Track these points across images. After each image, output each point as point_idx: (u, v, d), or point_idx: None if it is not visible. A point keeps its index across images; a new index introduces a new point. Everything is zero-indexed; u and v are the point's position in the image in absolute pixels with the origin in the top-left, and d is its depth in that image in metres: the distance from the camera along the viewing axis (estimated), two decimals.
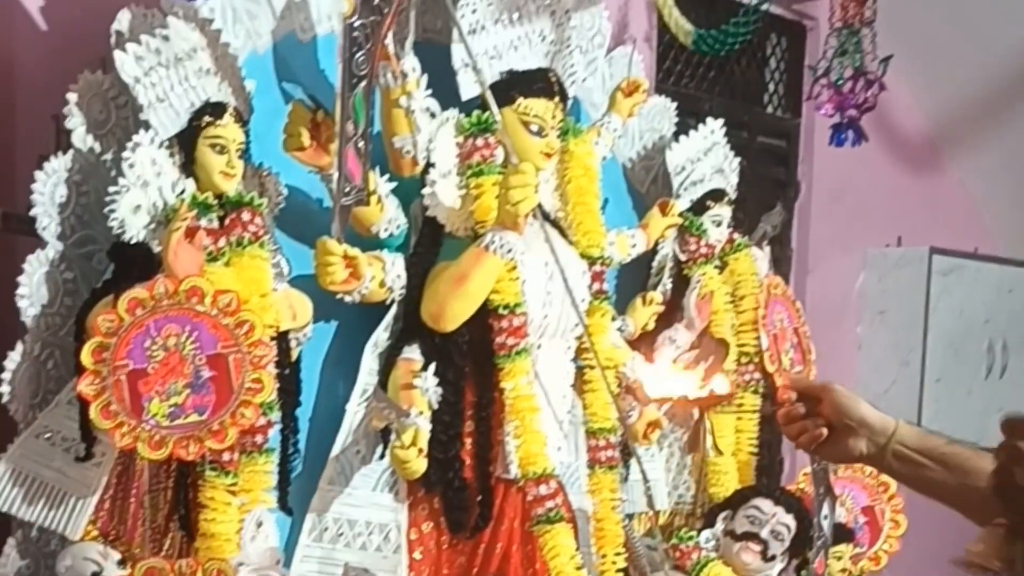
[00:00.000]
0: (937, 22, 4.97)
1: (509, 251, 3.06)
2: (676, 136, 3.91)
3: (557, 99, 3.23)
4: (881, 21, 4.05)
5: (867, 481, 4.33)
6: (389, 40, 2.73)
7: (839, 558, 4.03)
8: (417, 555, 3.16)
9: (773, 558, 3.78)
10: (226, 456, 2.74)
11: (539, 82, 3.22)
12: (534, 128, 3.19)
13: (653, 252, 3.86)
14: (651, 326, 3.81)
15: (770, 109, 5.08)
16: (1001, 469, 1.64)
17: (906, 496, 4.21)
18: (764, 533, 3.76)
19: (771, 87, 5.09)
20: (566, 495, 3.29)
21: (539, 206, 3.20)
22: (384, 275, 3.04)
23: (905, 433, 2.00)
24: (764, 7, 3.94)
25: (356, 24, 2.52)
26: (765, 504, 3.81)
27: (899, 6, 4.21)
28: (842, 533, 4.07)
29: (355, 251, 2.87)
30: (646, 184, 3.96)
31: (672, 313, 3.87)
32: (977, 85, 5.35)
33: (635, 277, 3.88)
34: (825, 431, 2.05)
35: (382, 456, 3.11)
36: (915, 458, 1.98)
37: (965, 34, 5.05)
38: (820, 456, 2.10)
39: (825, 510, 3.93)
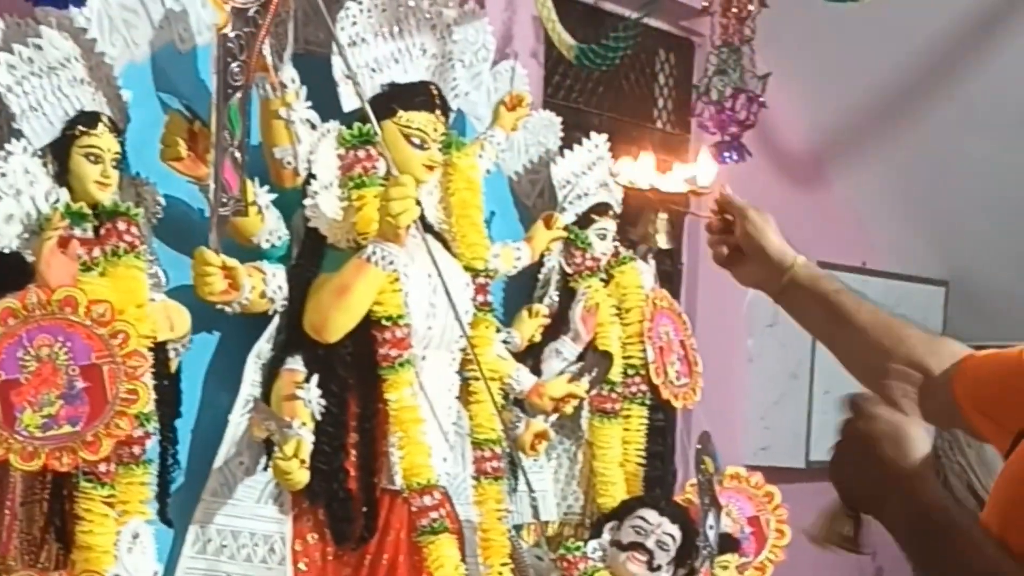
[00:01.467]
0: (819, 40, 5.05)
1: (391, 263, 3.08)
2: (562, 150, 3.94)
3: (439, 112, 3.26)
4: (764, 39, 4.10)
5: (752, 492, 4.39)
6: (266, 51, 2.75)
7: (725, 568, 4.08)
8: (302, 566, 3.15)
9: (659, 568, 3.82)
10: (102, 467, 2.71)
11: (420, 95, 3.25)
12: (416, 141, 3.21)
13: (539, 265, 3.89)
14: (537, 338, 3.84)
15: (660, 125, 5.14)
16: (838, 447, 1.67)
17: (791, 507, 4.28)
18: (650, 543, 3.80)
19: (660, 103, 5.15)
20: (452, 506, 3.30)
21: (422, 218, 3.22)
22: (265, 286, 3.04)
23: (800, 273, 2.04)
24: (642, 20, 3.98)
25: (231, 35, 2.53)
26: (651, 514, 3.85)
27: (781, 24, 4.27)
28: (728, 543, 4.12)
29: (233, 262, 2.88)
30: (532, 197, 3.99)
31: (558, 325, 3.90)
32: (860, 102, 5.44)
33: (522, 290, 3.91)
34: (725, 251, 2.09)
35: (266, 467, 3.09)
36: (802, 299, 2.01)
37: (846, 52, 5.13)
38: (734, 276, 2.15)
39: (711, 520, 3.99)
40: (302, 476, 2.93)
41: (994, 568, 1.48)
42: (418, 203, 3.10)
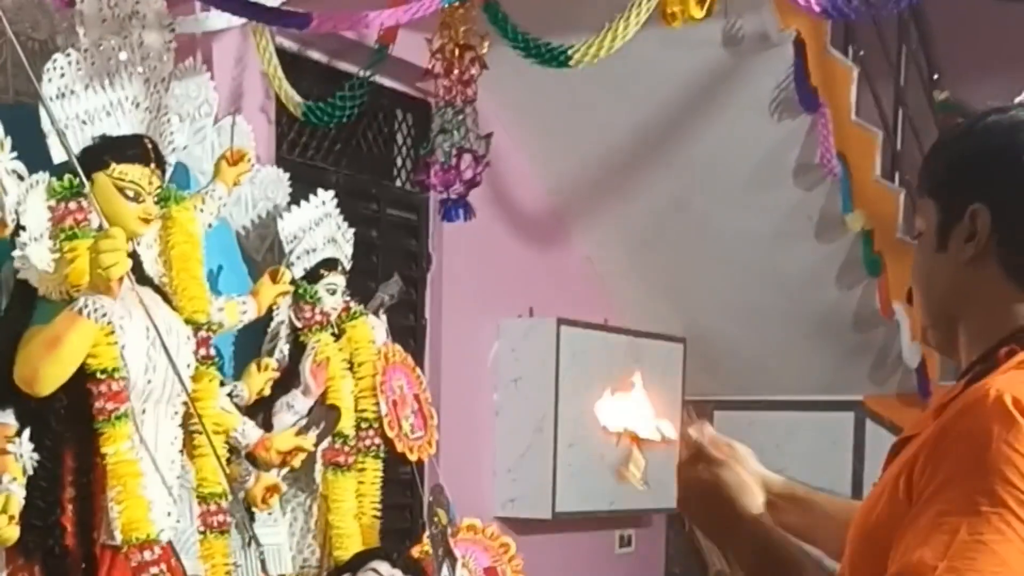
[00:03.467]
0: (554, 103, 5.20)
1: (104, 315, 3.06)
2: (291, 206, 3.98)
3: (153, 165, 3.27)
4: (500, 99, 4.22)
5: (489, 543, 4.46)
6: None
7: None
8: None
9: None
10: None
11: (133, 148, 3.24)
12: (130, 193, 3.21)
13: (269, 319, 3.91)
14: (267, 392, 3.85)
15: (399, 183, 5.22)
16: (684, 488, 1.82)
17: (539, 556, 4.37)
18: None
19: (399, 161, 5.23)
20: (179, 560, 3.30)
21: (141, 271, 3.23)
22: None
23: (779, 489, 2.11)
24: (372, 78, 4.06)
25: None
26: (383, 567, 3.87)
27: (517, 85, 4.39)
28: None
29: None
30: (261, 252, 4.01)
31: (289, 379, 3.92)
32: (596, 163, 5.60)
33: (251, 343, 3.93)
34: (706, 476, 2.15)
35: None
36: (782, 508, 2.08)
37: (581, 114, 5.29)
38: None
39: (445, 571, 4.03)
40: (11, 532, 2.90)
41: None
42: (132, 255, 3.10)
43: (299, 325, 3.94)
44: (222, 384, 3.61)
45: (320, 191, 3.99)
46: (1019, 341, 1.62)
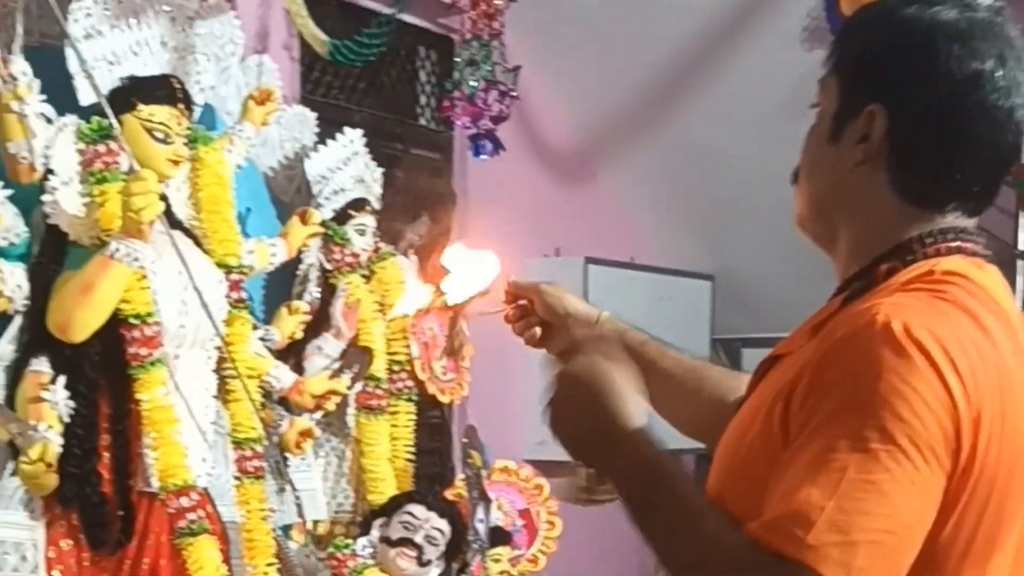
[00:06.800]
0: (579, 36, 5.14)
1: (136, 259, 3.03)
2: (317, 146, 3.93)
3: (182, 106, 3.22)
4: (527, 35, 4.13)
5: (523, 484, 4.44)
6: None
7: (497, 560, 4.12)
8: (57, 574, 3.07)
9: (429, 563, 3.83)
10: None
11: (161, 88, 3.20)
12: (159, 135, 3.16)
13: (298, 261, 3.87)
14: (299, 335, 3.82)
15: (423, 121, 5.15)
16: (557, 392, 1.66)
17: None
18: (418, 538, 3.81)
19: (423, 100, 5.16)
20: (214, 506, 3.27)
21: (170, 214, 3.18)
22: (2, 285, 2.96)
23: (607, 328, 2.03)
24: (398, 16, 3.99)
25: None
26: (418, 510, 3.86)
27: (542, 19, 4.32)
28: (500, 536, 4.16)
29: None
30: (289, 193, 3.96)
31: (320, 322, 3.89)
32: (623, 98, 5.54)
33: (281, 286, 3.89)
34: (538, 330, 2.11)
35: (14, 472, 3.01)
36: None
37: (608, 49, 5.22)
38: (549, 351, 2.13)
39: (480, 514, 4.02)
40: (49, 480, 2.88)
41: (711, 529, 1.48)
42: (162, 198, 3.06)
43: (329, 267, 3.90)
44: (254, 328, 3.58)
45: (347, 130, 3.94)
46: (900, 258, 1.50)
